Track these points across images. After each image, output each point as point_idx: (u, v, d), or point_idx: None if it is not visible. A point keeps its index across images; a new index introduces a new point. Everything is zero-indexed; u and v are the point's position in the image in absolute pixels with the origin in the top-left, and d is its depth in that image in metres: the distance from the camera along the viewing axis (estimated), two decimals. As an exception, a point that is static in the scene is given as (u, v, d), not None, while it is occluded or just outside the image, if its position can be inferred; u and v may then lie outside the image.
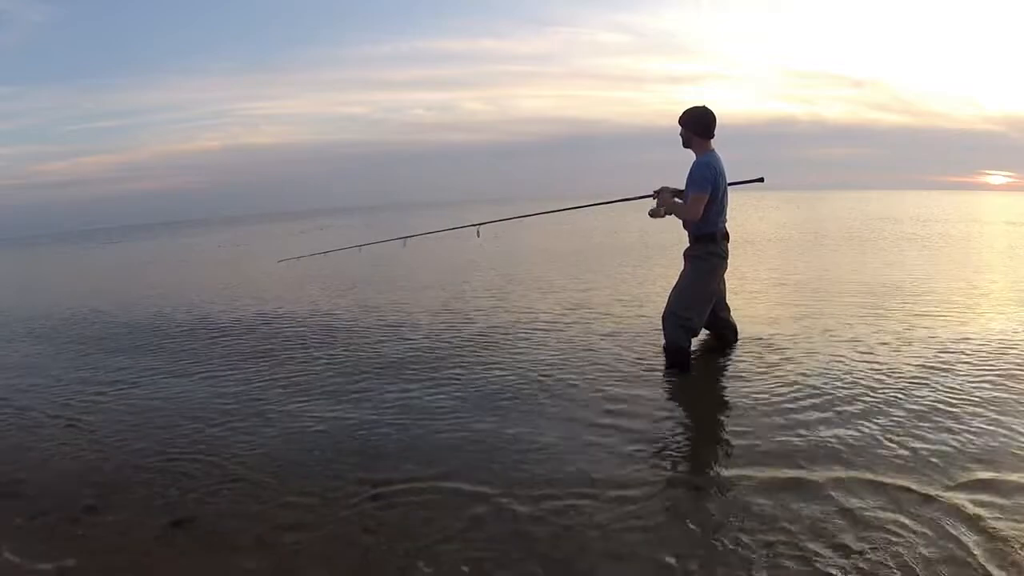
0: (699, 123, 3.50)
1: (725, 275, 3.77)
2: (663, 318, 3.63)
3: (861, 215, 19.84)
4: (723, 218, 3.58)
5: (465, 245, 11.93)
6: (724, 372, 3.59)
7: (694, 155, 3.53)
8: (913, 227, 14.21)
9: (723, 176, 3.49)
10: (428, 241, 6.56)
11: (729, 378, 3.49)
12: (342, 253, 7.43)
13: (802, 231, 14.42)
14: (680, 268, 3.69)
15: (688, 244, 3.65)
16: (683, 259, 3.67)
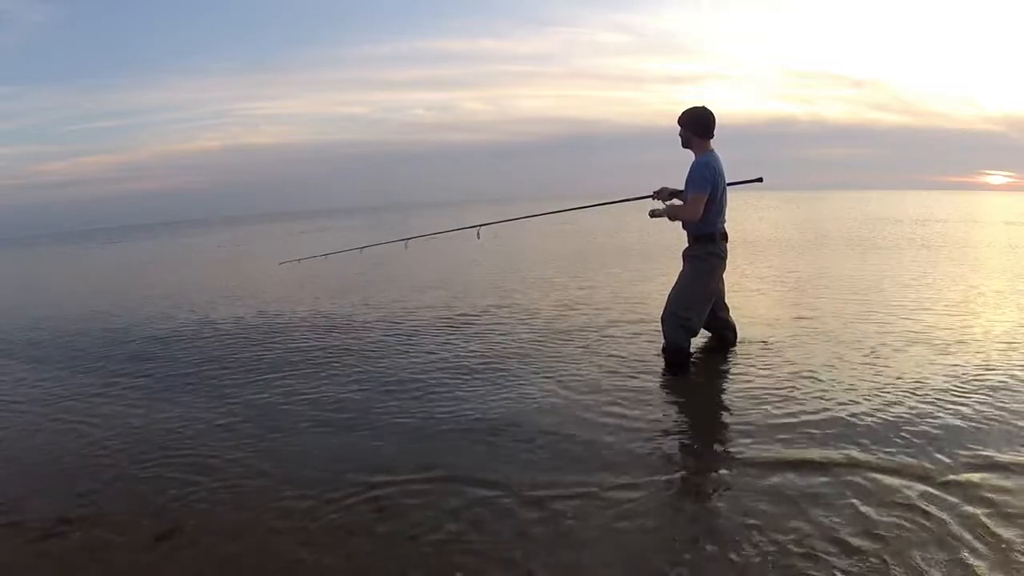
0: (698, 123, 3.51)
1: (724, 275, 3.77)
2: (662, 318, 3.64)
3: (861, 215, 19.83)
4: (722, 218, 3.58)
5: (466, 245, 11.94)
6: (724, 372, 3.60)
7: (693, 155, 3.54)
8: (912, 227, 14.20)
9: (722, 176, 3.50)
10: (429, 241, 6.57)
11: (729, 378, 3.49)
12: (343, 254, 7.44)
13: (802, 231, 14.42)
14: (679, 268, 3.70)
15: (687, 244, 3.66)
16: (682, 259, 3.68)
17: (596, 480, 2.33)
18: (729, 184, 3.59)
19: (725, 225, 3.61)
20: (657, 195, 3.79)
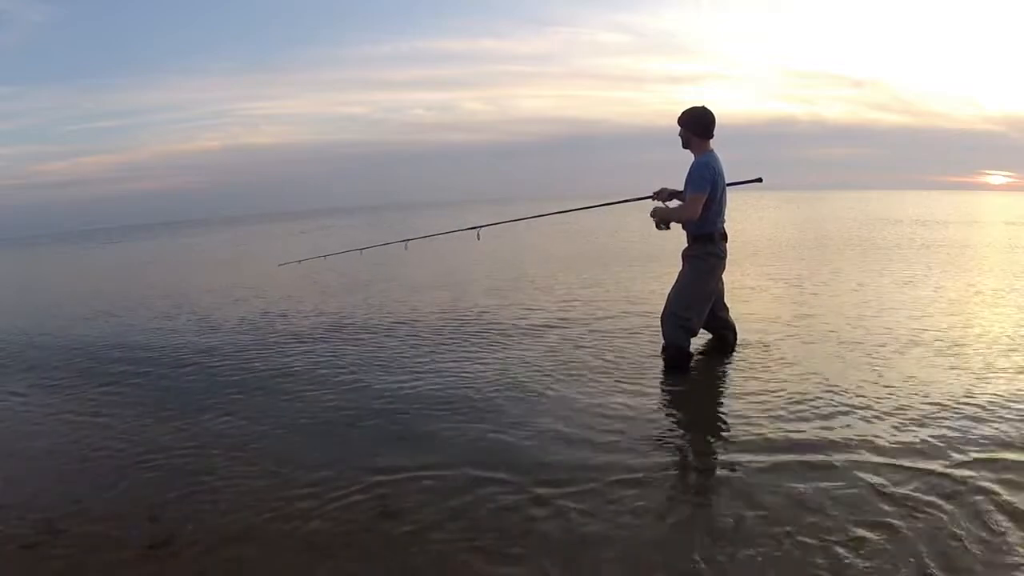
0: (698, 123, 3.52)
1: (724, 275, 3.78)
2: (662, 318, 3.64)
3: (861, 215, 19.83)
4: (721, 218, 3.59)
5: (467, 245, 11.93)
6: (724, 372, 3.61)
7: (693, 155, 3.55)
8: (912, 228, 14.20)
9: (722, 176, 3.51)
10: (430, 242, 6.59)
11: (729, 378, 3.50)
12: (343, 255, 7.45)
13: (801, 230, 14.42)
14: (679, 268, 3.70)
15: (687, 244, 3.67)
16: (682, 259, 3.69)
17: (599, 477, 2.34)
18: (729, 184, 3.60)
19: (724, 225, 3.63)
20: (657, 196, 3.80)
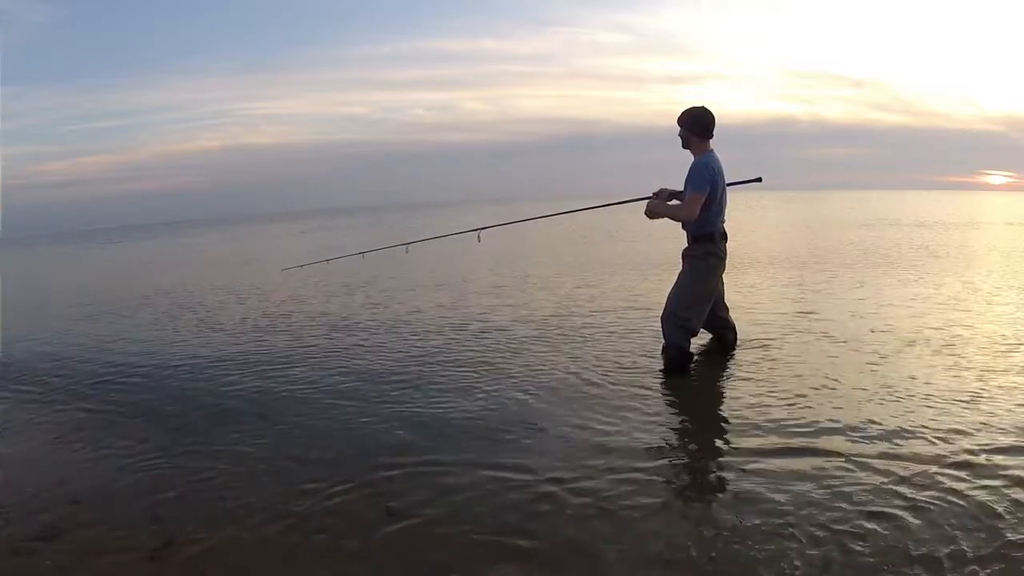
0: (698, 123, 3.52)
1: (724, 275, 3.78)
2: (662, 319, 3.64)
3: (861, 215, 19.81)
4: (721, 218, 3.59)
5: (467, 246, 11.94)
6: (724, 372, 3.60)
7: (692, 155, 3.55)
8: (912, 229, 14.19)
9: (721, 176, 3.51)
10: (430, 243, 6.61)
11: (729, 377, 3.50)
12: (344, 258, 7.50)
13: (802, 230, 14.42)
14: (679, 268, 3.70)
15: (686, 244, 3.67)
16: (681, 259, 3.69)
17: (601, 475, 2.35)
18: (729, 184, 3.60)
19: (724, 225, 3.63)
20: (657, 196, 3.80)
